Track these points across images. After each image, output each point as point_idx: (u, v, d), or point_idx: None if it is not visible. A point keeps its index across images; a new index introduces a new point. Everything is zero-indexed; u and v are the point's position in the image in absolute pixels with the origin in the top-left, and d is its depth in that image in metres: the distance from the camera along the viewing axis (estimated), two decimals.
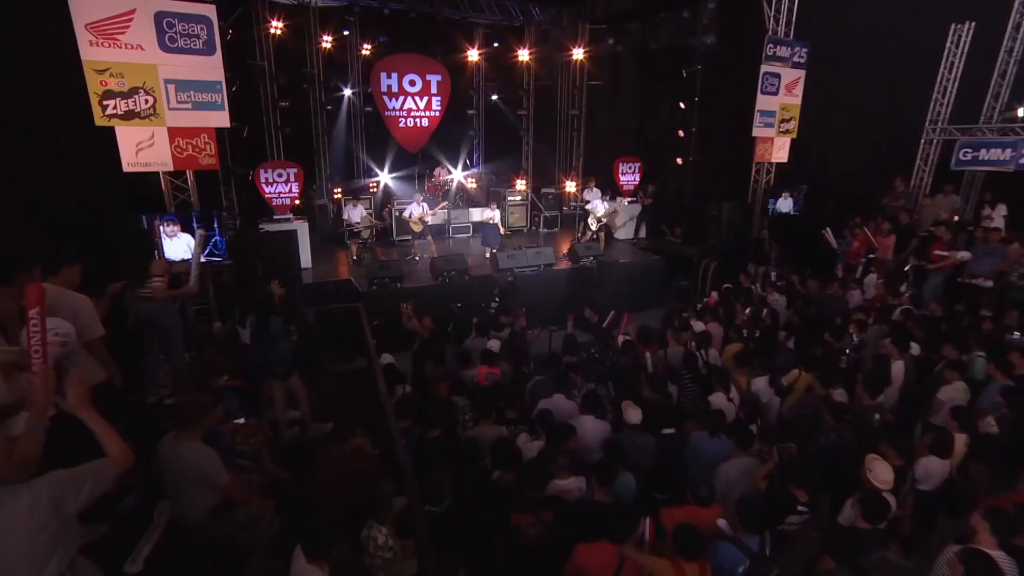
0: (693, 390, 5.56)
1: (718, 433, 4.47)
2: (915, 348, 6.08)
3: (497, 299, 7.85)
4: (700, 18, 11.93)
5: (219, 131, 8.78)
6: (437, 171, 13.40)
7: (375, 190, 12.99)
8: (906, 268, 8.72)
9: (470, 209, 13.07)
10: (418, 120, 14.54)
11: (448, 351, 6.15)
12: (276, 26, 10.74)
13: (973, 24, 9.98)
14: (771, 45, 9.88)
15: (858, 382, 5.20)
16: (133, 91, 6.27)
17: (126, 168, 6.43)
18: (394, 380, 5.50)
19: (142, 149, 6.48)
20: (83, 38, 5.91)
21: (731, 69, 11.19)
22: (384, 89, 13.94)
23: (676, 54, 12.30)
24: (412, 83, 14.17)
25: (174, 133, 6.59)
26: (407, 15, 12.79)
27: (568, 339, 6.42)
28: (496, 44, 14.50)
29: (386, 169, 14.07)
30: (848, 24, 10.58)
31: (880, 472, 3.74)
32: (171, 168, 6.71)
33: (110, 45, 6.06)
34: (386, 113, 14.13)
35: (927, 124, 10.71)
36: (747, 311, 7.43)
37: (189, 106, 6.61)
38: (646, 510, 3.61)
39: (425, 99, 14.44)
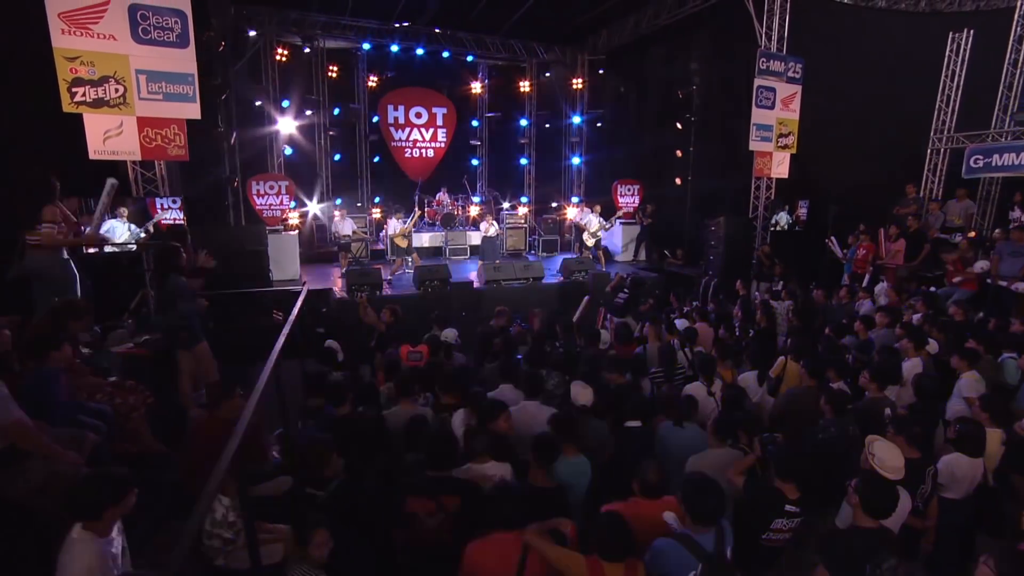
0: (668, 386, 4.60)
1: (682, 422, 3.52)
2: (933, 345, 5.04)
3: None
4: (694, 44, 11.48)
5: (219, 143, 8.64)
6: (439, 196, 12.95)
7: (378, 216, 12.55)
8: (921, 287, 7.65)
9: (468, 232, 12.48)
10: (424, 151, 14.29)
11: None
12: (282, 53, 10.73)
13: (972, 32, 9.23)
14: (764, 59, 9.30)
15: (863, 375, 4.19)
16: (103, 79, 5.98)
17: (92, 156, 6.06)
18: (330, 364, 4.72)
19: (110, 137, 6.12)
20: (55, 26, 5.68)
21: (726, 89, 10.63)
22: (391, 120, 13.79)
23: (672, 77, 11.85)
24: (418, 115, 14.00)
25: (143, 123, 6.24)
26: (413, 52, 12.77)
27: (526, 329, 5.57)
28: (500, 77, 14.38)
29: (388, 193, 13.76)
30: (843, 39, 9.96)
31: (885, 456, 2.70)
32: (139, 157, 6.33)
33: (82, 34, 5.82)
34: (392, 143, 13.93)
35: (932, 134, 9.79)
36: (737, 311, 6.47)
37: (160, 97, 6.28)
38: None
39: (431, 131, 14.23)
